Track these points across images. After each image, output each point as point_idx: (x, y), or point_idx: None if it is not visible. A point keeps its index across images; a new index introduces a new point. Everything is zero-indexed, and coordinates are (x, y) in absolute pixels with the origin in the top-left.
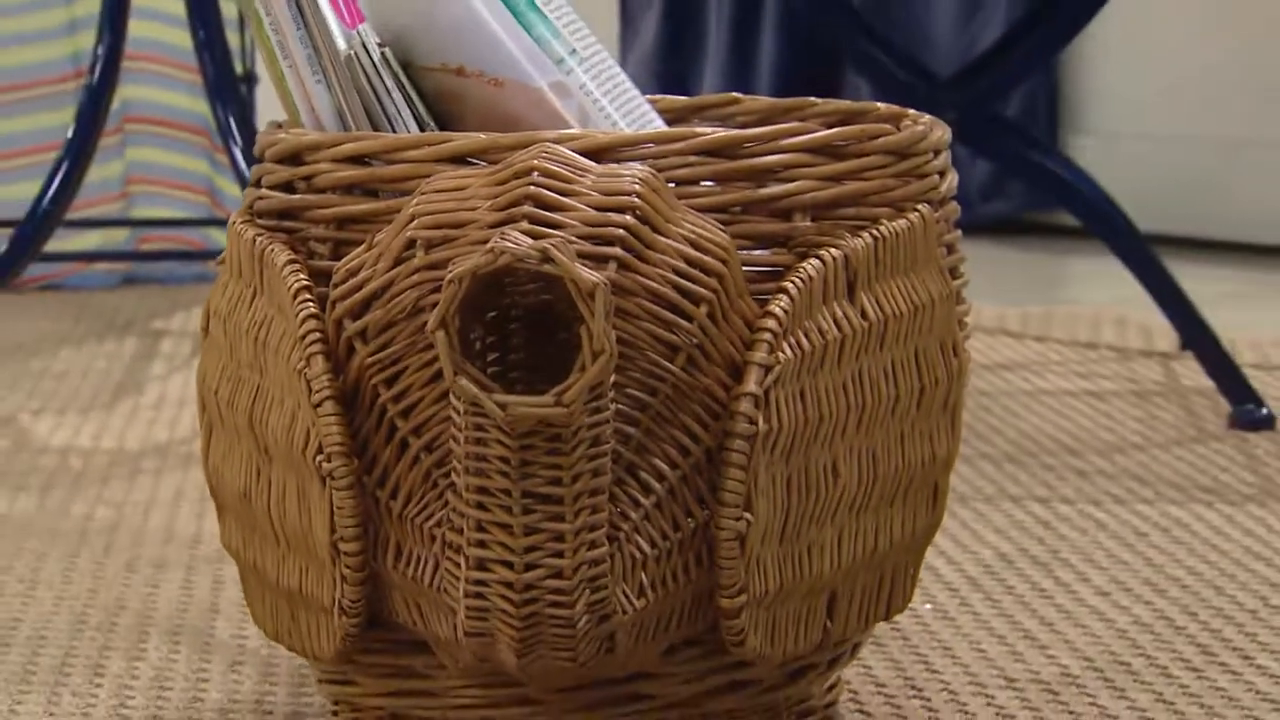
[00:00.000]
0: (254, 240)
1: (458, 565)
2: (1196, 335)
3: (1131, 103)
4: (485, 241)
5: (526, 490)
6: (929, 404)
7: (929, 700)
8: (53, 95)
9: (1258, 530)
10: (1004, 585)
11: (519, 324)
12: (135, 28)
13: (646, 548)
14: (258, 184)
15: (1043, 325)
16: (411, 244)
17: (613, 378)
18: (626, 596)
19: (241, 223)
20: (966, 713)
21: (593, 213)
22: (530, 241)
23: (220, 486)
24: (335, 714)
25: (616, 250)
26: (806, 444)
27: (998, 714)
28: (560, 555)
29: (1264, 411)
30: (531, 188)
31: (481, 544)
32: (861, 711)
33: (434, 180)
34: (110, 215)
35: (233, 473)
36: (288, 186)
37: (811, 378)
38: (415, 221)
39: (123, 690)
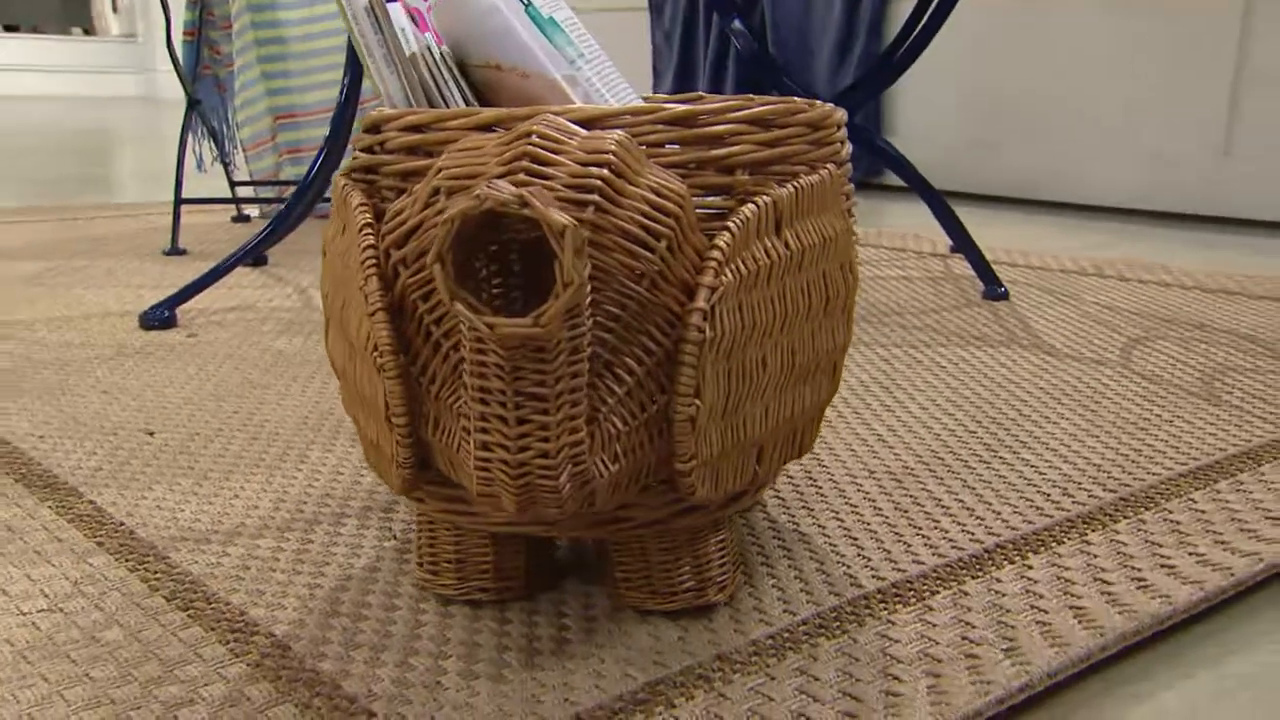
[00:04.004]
0: (343, 188)
1: (469, 445)
2: (964, 244)
3: (925, 114)
4: None
5: (518, 390)
6: (832, 309)
7: (820, 487)
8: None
9: (1008, 365)
10: (864, 403)
11: (519, 254)
12: None
13: (620, 425)
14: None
15: (876, 239)
16: (436, 191)
17: (592, 297)
18: (604, 463)
19: (340, 176)
20: (843, 495)
21: (577, 167)
22: (512, 190)
23: (334, 363)
24: (419, 515)
25: (595, 196)
26: (743, 345)
27: (864, 496)
28: (546, 440)
29: (1002, 289)
30: (529, 147)
31: (484, 430)
32: (776, 496)
33: (459, 141)
34: None
35: (338, 356)
36: (369, 149)
37: (747, 294)
38: (440, 173)
39: (313, 474)
